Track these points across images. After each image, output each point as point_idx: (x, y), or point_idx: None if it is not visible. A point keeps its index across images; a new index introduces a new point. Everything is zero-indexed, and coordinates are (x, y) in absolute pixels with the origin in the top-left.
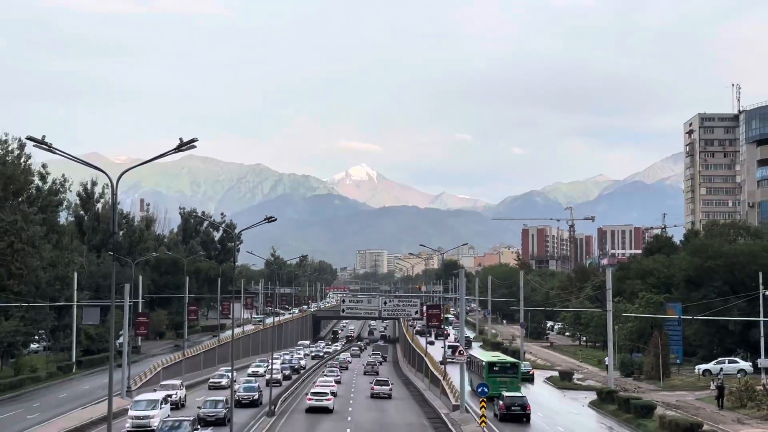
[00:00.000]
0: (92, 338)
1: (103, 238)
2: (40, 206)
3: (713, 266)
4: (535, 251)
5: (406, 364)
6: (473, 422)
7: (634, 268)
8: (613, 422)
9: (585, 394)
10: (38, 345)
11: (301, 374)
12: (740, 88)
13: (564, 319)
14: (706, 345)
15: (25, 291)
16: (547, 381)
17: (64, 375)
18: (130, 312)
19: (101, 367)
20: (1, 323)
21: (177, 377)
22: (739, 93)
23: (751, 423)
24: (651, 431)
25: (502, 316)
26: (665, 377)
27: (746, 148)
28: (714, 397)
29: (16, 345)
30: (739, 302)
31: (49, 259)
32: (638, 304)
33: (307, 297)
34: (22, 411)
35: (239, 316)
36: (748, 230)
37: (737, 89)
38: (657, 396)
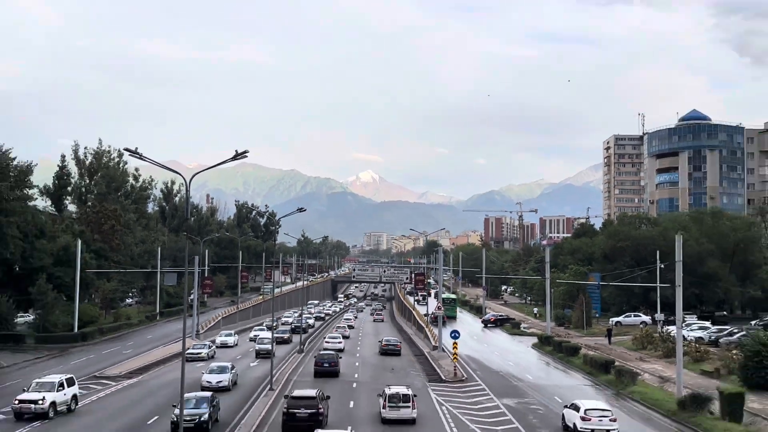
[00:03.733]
0: (171, 295)
1: (179, 223)
2: (133, 199)
3: (623, 246)
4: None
5: (400, 316)
6: (447, 358)
7: (565, 247)
8: (549, 359)
9: (529, 339)
10: (131, 300)
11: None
12: (644, 116)
13: (514, 284)
14: (618, 303)
15: (122, 260)
16: (502, 329)
17: (149, 322)
18: (198, 276)
19: (177, 316)
20: (105, 284)
21: (232, 324)
22: (644, 120)
23: (650, 360)
24: (577, 366)
25: (469, 281)
26: (588, 327)
27: (648, 161)
28: (605, 336)
29: (116, 300)
30: (642, 272)
31: (140, 237)
32: (568, 273)
33: (327, 266)
34: (120, 347)
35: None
36: (648, 220)
37: (642, 117)
38: (581, 340)
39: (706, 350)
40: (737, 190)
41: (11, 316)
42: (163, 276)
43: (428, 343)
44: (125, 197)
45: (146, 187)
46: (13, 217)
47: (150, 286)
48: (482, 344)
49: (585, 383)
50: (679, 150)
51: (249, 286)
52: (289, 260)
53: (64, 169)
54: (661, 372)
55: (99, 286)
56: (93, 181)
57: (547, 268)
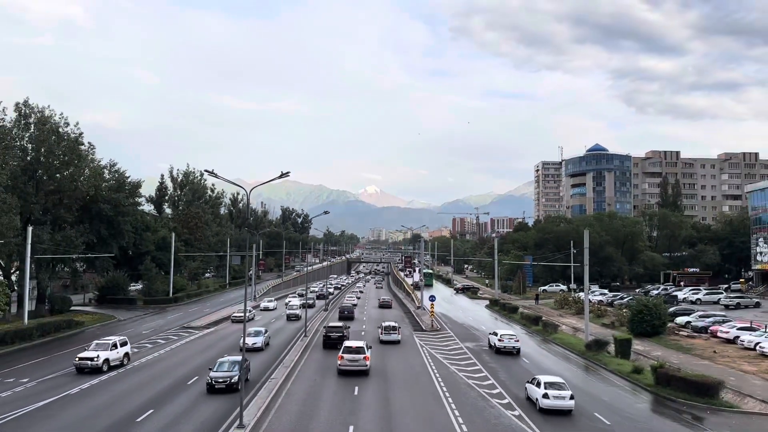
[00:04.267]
0: (236, 271)
1: (242, 221)
2: (211, 205)
3: (548, 238)
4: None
5: (394, 285)
6: (427, 314)
7: (508, 238)
8: (497, 315)
9: (483, 302)
10: (209, 274)
11: (342, 288)
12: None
13: (473, 264)
14: (544, 277)
15: (203, 247)
16: (465, 295)
17: (222, 289)
18: (255, 258)
19: (241, 286)
20: (191, 263)
21: (277, 292)
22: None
23: (567, 316)
24: (516, 320)
25: (442, 262)
26: (523, 293)
27: (565, 179)
28: (534, 299)
29: (198, 274)
30: (560, 256)
31: (215, 231)
32: (510, 256)
33: (344, 251)
34: (201, 307)
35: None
36: (565, 220)
37: (561, 149)
38: (519, 302)
39: (605, 309)
40: (626, 199)
41: (126, 285)
42: (230, 258)
43: (413, 304)
44: (205, 203)
45: (219, 196)
46: (128, 217)
47: (222, 264)
48: (451, 305)
49: (521, 332)
50: (586, 171)
51: (291, 265)
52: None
53: (163, 184)
54: (574, 324)
55: (186, 264)
56: (183, 192)
57: (495, 253)
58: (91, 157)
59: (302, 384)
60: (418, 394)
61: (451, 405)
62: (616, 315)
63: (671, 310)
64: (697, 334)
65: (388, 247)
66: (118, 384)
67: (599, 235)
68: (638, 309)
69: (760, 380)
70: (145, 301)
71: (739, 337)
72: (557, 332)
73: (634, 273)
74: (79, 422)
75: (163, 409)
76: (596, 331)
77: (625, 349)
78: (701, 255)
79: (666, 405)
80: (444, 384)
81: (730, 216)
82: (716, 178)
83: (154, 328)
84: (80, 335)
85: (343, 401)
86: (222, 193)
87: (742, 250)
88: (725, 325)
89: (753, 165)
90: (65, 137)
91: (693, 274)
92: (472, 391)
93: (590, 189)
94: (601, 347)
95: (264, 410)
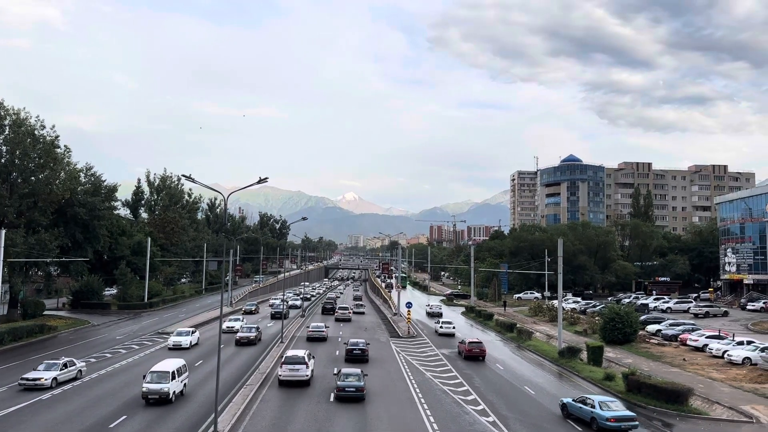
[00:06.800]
0: (213, 276)
1: (220, 226)
2: (188, 209)
3: (523, 246)
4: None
5: (372, 292)
6: (404, 321)
7: (484, 246)
8: (473, 322)
9: (460, 309)
10: (185, 279)
11: (320, 294)
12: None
13: (450, 271)
14: (519, 284)
15: (179, 252)
16: (441, 301)
17: (197, 295)
18: (232, 263)
19: (217, 291)
20: (166, 268)
21: (254, 297)
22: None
23: (541, 323)
24: (491, 327)
25: (419, 268)
26: (498, 300)
27: (540, 189)
28: (502, 306)
29: (174, 279)
30: (535, 264)
31: (191, 236)
32: (486, 263)
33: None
34: (177, 312)
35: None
36: (540, 229)
37: (536, 159)
38: (494, 310)
39: (578, 317)
40: (599, 209)
41: (101, 290)
42: (207, 263)
43: (390, 310)
44: (182, 208)
45: (197, 201)
46: (103, 221)
47: (198, 270)
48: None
49: (496, 338)
50: (560, 181)
51: (268, 270)
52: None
53: (140, 188)
54: (548, 331)
55: (162, 269)
56: (159, 197)
57: (472, 261)
58: (67, 161)
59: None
60: (393, 400)
61: (427, 411)
62: (588, 323)
63: (642, 319)
64: (667, 342)
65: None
66: (92, 389)
67: (573, 244)
68: (610, 317)
69: (728, 387)
70: (120, 306)
71: (708, 346)
72: (531, 339)
73: (606, 281)
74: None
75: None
76: (569, 338)
77: (597, 356)
78: (672, 264)
79: (637, 412)
80: (420, 390)
81: (700, 227)
82: (686, 189)
83: (128, 333)
84: (53, 340)
85: (318, 408)
86: (199, 198)
87: (711, 260)
88: (694, 333)
89: (722, 177)
90: (41, 140)
91: (663, 283)
92: (447, 397)
93: (564, 199)
94: (574, 354)
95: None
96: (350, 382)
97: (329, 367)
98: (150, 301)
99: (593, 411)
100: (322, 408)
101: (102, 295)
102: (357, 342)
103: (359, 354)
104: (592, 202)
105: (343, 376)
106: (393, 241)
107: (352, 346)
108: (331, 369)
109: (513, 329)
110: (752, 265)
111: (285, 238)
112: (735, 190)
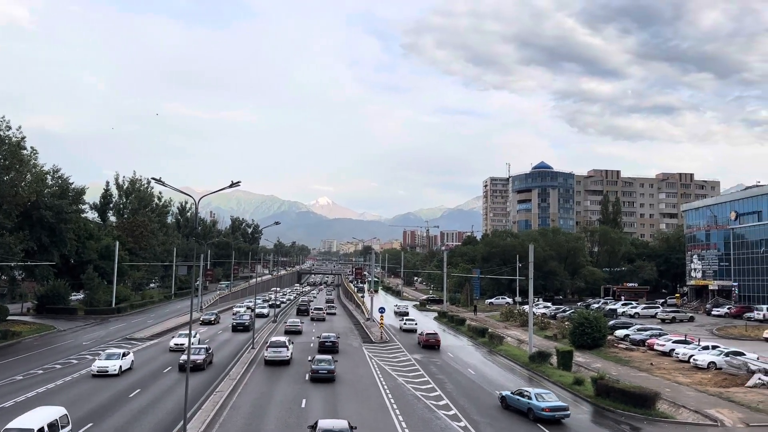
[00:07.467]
0: (182, 281)
1: (190, 231)
2: (157, 213)
3: (495, 251)
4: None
5: (345, 298)
6: (376, 326)
7: (457, 251)
8: (445, 327)
9: (432, 314)
10: (154, 284)
11: (291, 300)
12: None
13: (423, 276)
14: (491, 290)
15: (148, 256)
16: (413, 307)
17: (167, 300)
18: (202, 268)
19: (187, 296)
20: (135, 273)
21: (225, 303)
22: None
23: (512, 328)
24: (463, 332)
25: (392, 273)
26: (471, 305)
27: (512, 195)
28: (472, 310)
29: (143, 284)
30: (507, 269)
31: (161, 240)
32: (459, 269)
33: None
34: (145, 318)
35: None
36: (512, 234)
37: (508, 165)
38: (466, 315)
39: (548, 322)
40: (569, 215)
41: (67, 295)
42: (177, 268)
43: (363, 315)
44: (151, 212)
45: (167, 205)
46: (70, 225)
47: (168, 274)
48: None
49: (468, 343)
50: (532, 188)
51: (239, 275)
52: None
53: (108, 191)
54: (519, 336)
55: (131, 274)
56: (128, 200)
57: (445, 266)
58: (34, 162)
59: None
60: (366, 405)
61: (399, 417)
62: (558, 327)
63: (611, 324)
64: (635, 347)
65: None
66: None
67: (544, 250)
68: (579, 322)
69: (694, 391)
70: (87, 311)
71: (675, 350)
72: (503, 344)
73: (576, 287)
74: None
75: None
76: (540, 343)
77: (567, 360)
78: (639, 270)
79: (605, 416)
80: (392, 395)
81: (667, 233)
82: (654, 197)
83: (96, 339)
84: (17, 346)
85: (290, 414)
86: (170, 202)
87: (677, 267)
88: (661, 338)
89: (688, 185)
90: (6, 141)
91: (631, 288)
92: (419, 402)
93: (536, 205)
94: (545, 359)
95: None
96: (323, 366)
97: (305, 356)
98: (118, 306)
99: (530, 402)
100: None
101: (68, 300)
102: (329, 335)
103: (330, 345)
104: (562, 208)
105: (317, 361)
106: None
107: (324, 339)
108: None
109: (485, 334)
110: (717, 272)
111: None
112: (701, 197)
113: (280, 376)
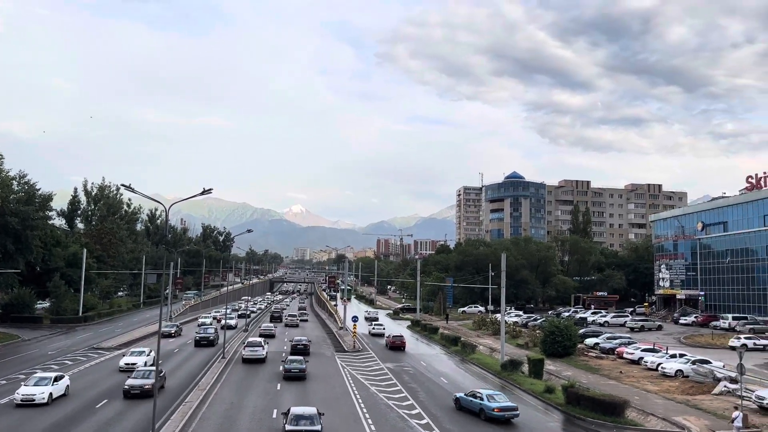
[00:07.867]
0: (152, 290)
1: (160, 238)
2: (126, 220)
3: (468, 260)
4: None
5: (317, 306)
6: (350, 335)
7: (430, 260)
8: (418, 336)
9: (405, 323)
10: (122, 293)
11: (262, 309)
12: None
13: (396, 285)
14: (464, 298)
15: (116, 264)
16: (386, 316)
17: (135, 309)
18: (172, 276)
19: (156, 305)
20: (103, 281)
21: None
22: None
23: (484, 337)
24: (436, 341)
25: (365, 282)
26: (443, 314)
27: (485, 204)
28: (444, 318)
29: (111, 293)
30: (479, 278)
31: (130, 248)
32: (432, 278)
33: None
34: (113, 327)
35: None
36: (484, 243)
37: (481, 175)
38: (439, 323)
39: (520, 330)
40: (541, 225)
41: (32, 303)
42: (146, 276)
43: (336, 324)
44: (120, 219)
45: (136, 212)
46: (37, 231)
47: (136, 283)
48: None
49: (441, 352)
50: (504, 197)
51: (210, 284)
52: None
53: (76, 198)
54: (491, 345)
55: (98, 282)
56: (97, 207)
57: (418, 274)
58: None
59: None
60: (338, 416)
61: (371, 427)
62: (530, 336)
63: (581, 332)
64: (604, 355)
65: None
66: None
67: (515, 259)
68: (550, 330)
69: (662, 399)
70: (53, 320)
71: (643, 358)
72: (475, 352)
73: (547, 295)
74: None
75: None
76: (511, 351)
77: (538, 369)
78: (609, 279)
79: (576, 424)
80: (364, 405)
81: (636, 243)
82: (623, 207)
83: (62, 348)
84: None
85: (261, 426)
86: (139, 209)
87: (646, 276)
88: (630, 346)
89: (657, 196)
90: None
91: (601, 297)
92: (392, 412)
93: (508, 214)
94: (516, 367)
95: None
96: (295, 365)
97: (278, 358)
98: (85, 314)
99: (481, 403)
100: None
101: (34, 308)
102: (300, 339)
103: (302, 348)
104: (534, 218)
105: (289, 362)
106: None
107: (297, 342)
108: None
109: (457, 343)
110: (684, 281)
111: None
112: (669, 208)
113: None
